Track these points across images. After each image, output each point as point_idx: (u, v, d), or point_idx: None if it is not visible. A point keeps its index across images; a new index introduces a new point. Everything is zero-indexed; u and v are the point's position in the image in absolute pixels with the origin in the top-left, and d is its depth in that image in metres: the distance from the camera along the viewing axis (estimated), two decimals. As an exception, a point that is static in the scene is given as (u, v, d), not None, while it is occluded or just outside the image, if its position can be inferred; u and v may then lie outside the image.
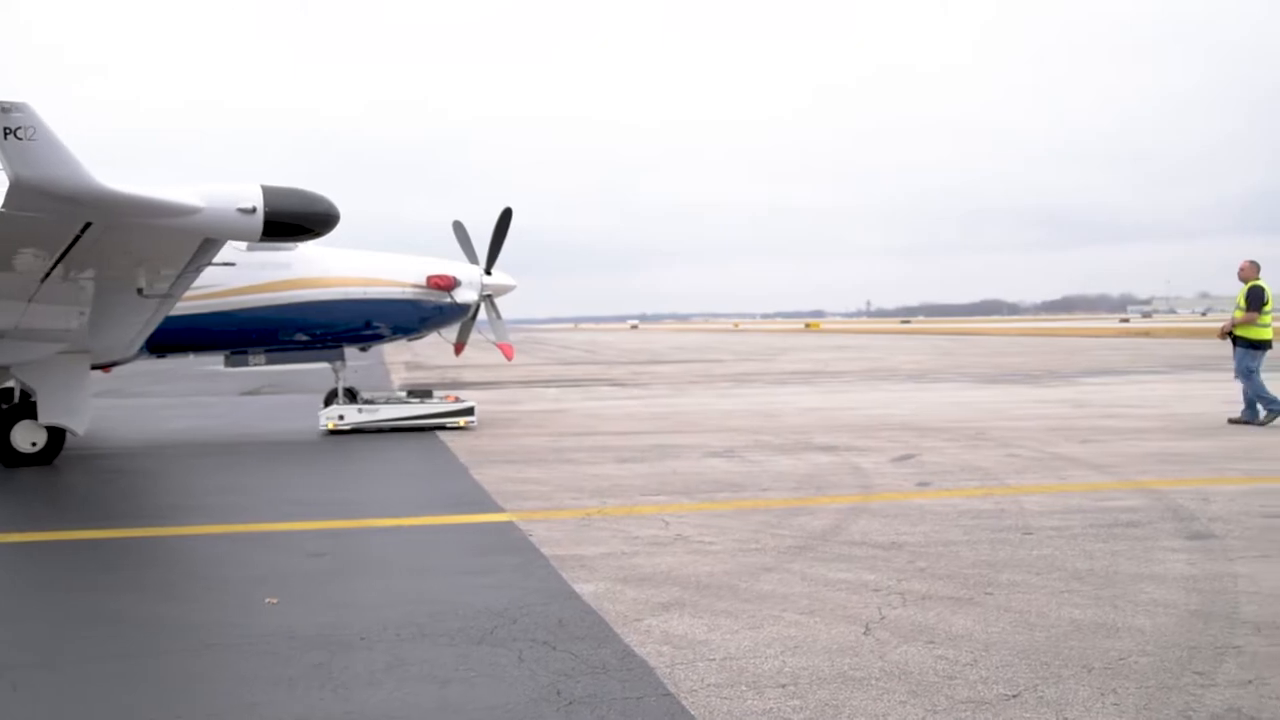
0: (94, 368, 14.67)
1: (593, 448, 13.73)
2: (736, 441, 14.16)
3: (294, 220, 9.61)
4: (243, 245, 14.30)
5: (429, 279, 16.48)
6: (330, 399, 17.11)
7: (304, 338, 16.10)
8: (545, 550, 7.58)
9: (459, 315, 17.28)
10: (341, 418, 16.21)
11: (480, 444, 14.37)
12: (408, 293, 16.36)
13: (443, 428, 16.28)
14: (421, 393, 17.38)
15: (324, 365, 16.95)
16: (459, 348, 18.27)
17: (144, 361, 17.63)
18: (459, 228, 17.89)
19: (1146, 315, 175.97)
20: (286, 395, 24.74)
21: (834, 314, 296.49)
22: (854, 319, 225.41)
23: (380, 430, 16.18)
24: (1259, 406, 15.05)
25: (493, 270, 17.46)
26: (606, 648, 5.29)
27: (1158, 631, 5.38)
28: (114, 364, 15.84)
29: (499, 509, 9.36)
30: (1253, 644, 5.13)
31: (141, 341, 13.32)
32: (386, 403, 16.86)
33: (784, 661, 5.06)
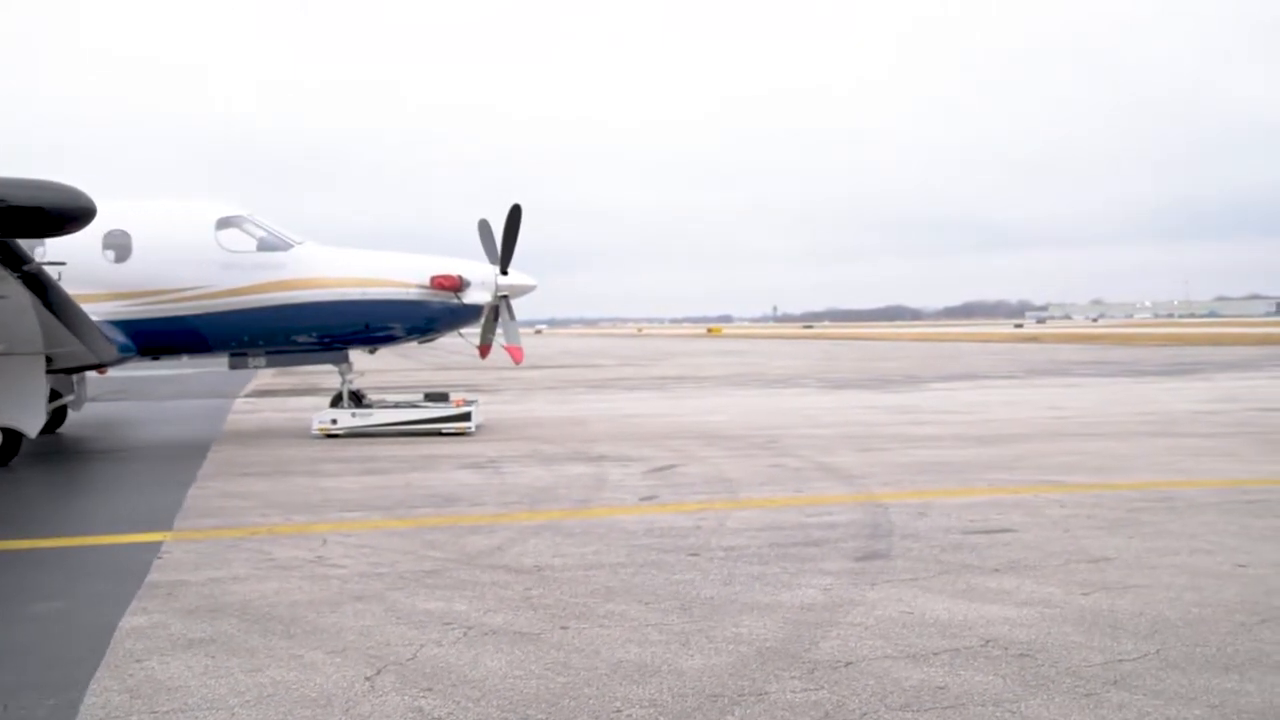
0: (87, 369, 14.81)
1: (353, 458, 13.08)
2: (511, 451, 13.57)
3: (32, 211, 8.65)
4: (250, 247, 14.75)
5: (433, 279, 15.66)
6: (336, 402, 16.37)
7: (301, 340, 15.48)
8: (154, 575, 6.94)
9: (472, 316, 16.30)
10: (334, 422, 15.61)
11: (243, 455, 13.67)
12: (411, 294, 15.59)
13: (439, 433, 15.50)
14: (437, 396, 16.51)
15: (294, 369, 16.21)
16: (484, 350, 17.06)
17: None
18: (483, 226, 16.67)
19: (1041, 321, 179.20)
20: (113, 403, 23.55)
21: (741, 319, 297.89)
22: (760, 324, 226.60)
23: (377, 435, 15.42)
24: None
25: (509, 270, 16.28)
26: (57, 697, 4.54)
27: (700, 674, 4.75)
28: (90, 367, 15.26)
29: (167, 528, 8.60)
30: (785, 690, 4.47)
31: None
32: (395, 407, 16.20)
33: (242, 714, 4.31)
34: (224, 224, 15.36)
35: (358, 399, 16.33)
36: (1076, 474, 10.71)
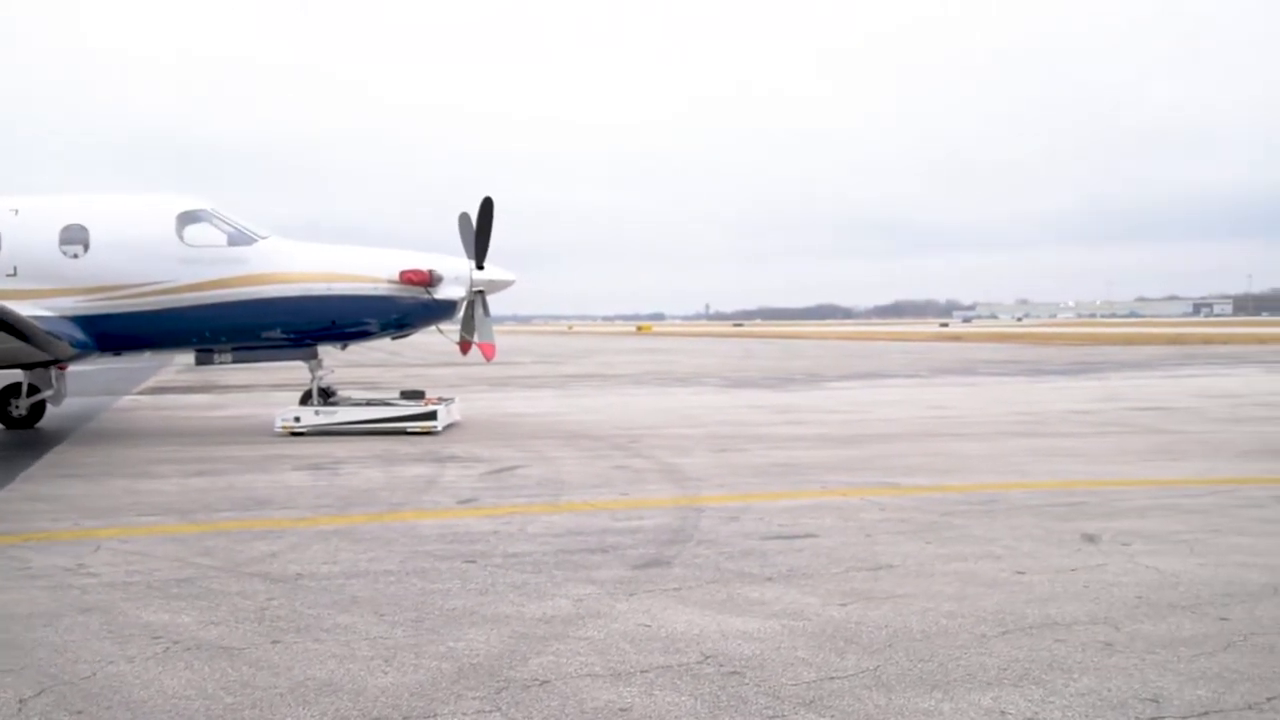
0: (43, 365, 14.62)
1: (189, 459, 12.68)
2: (362, 451, 13.24)
3: None
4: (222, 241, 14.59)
5: (402, 274, 15.26)
6: (306, 399, 15.84)
7: (266, 336, 15.07)
8: None
9: (445, 312, 15.95)
10: (297, 420, 15.08)
11: (81, 455, 13.24)
12: (380, 289, 15.20)
13: (404, 432, 14.92)
14: (413, 394, 16.02)
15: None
16: (464, 346, 16.52)
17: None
18: (463, 220, 16.15)
19: (967, 320, 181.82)
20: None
21: (674, 317, 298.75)
22: (693, 322, 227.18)
23: (342, 434, 14.89)
24: None
25: (484, 265, 15.89)
26: None
27: (381, 694, 4.54)
28: (46, 364, 15.05)
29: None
30: (457, 712, 4.22)
31: None
32: (368, 404, 15.74)
33: None
34: (185, 218, 15.05)
35: (326, 396, 15.87)
36: (918, 475, 10.53)
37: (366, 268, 15.25)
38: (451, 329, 16.40)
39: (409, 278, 15.19)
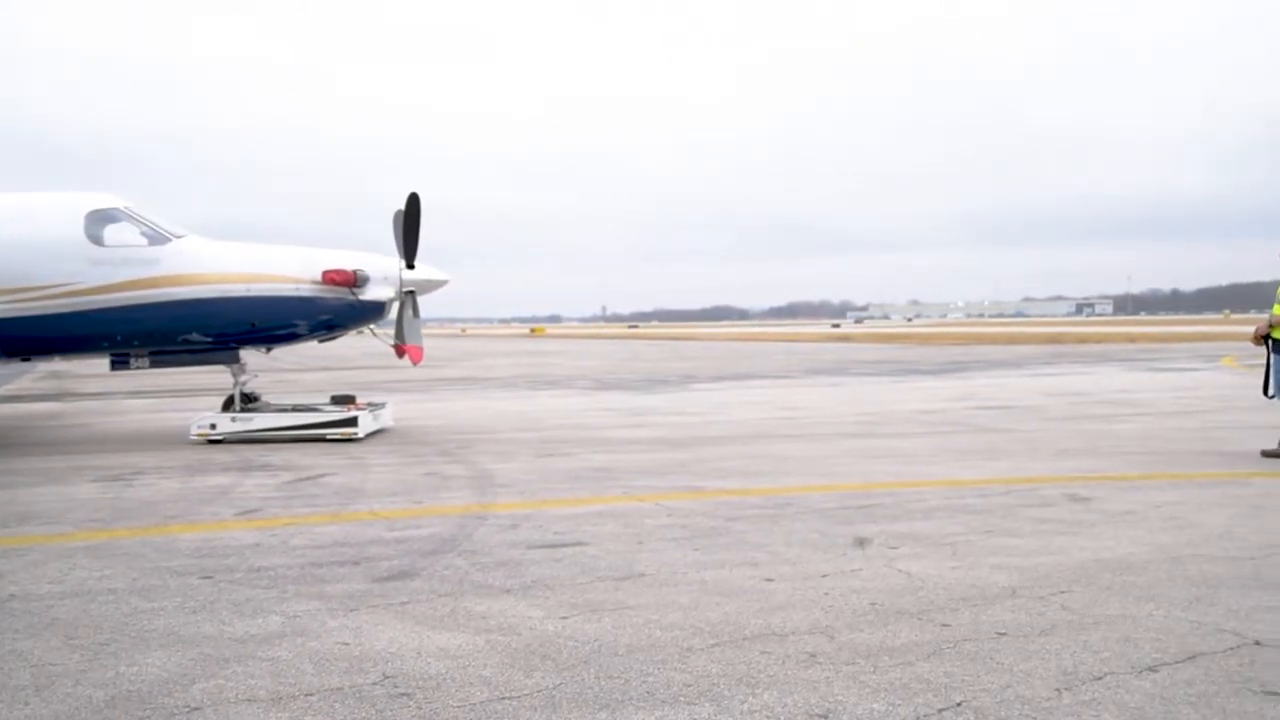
0: None
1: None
2: (169, 462, 12.78)
3: None
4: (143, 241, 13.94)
5: (325, 274, 14.62)
6: (228, 405, 15.17)
7: (182, 339, 14.44)
8: None
9: (373, 313, 15.32)
10: (213, 426, 14.42)
11: None
12: (302, 289, 14.56)
13: (324, 439, 14.30)
14: (344, 399, 15.37)
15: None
16: (399, 349, 15.69)
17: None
18: (397, 218, 15.37)
19: (859, 321, 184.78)
20: None
21: (571, 319, 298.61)
22: (590, 324, 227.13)
23: (260, 441, 14.27)
24: None
25: (415, 264, 15.23)
26: None
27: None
28: None
29: None
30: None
31: None
32: (294, 410, 15.07)
33: None
34: (95, 217, 14.34)
35: (249, 402, 15.26)
36: (729, 479, 10.37)
37: (287, 268, 14.72)
38: (386, 332, 15.82)
39: (332, 278, 14.67)
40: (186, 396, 24.01)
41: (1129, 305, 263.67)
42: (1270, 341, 11.36)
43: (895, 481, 10.00)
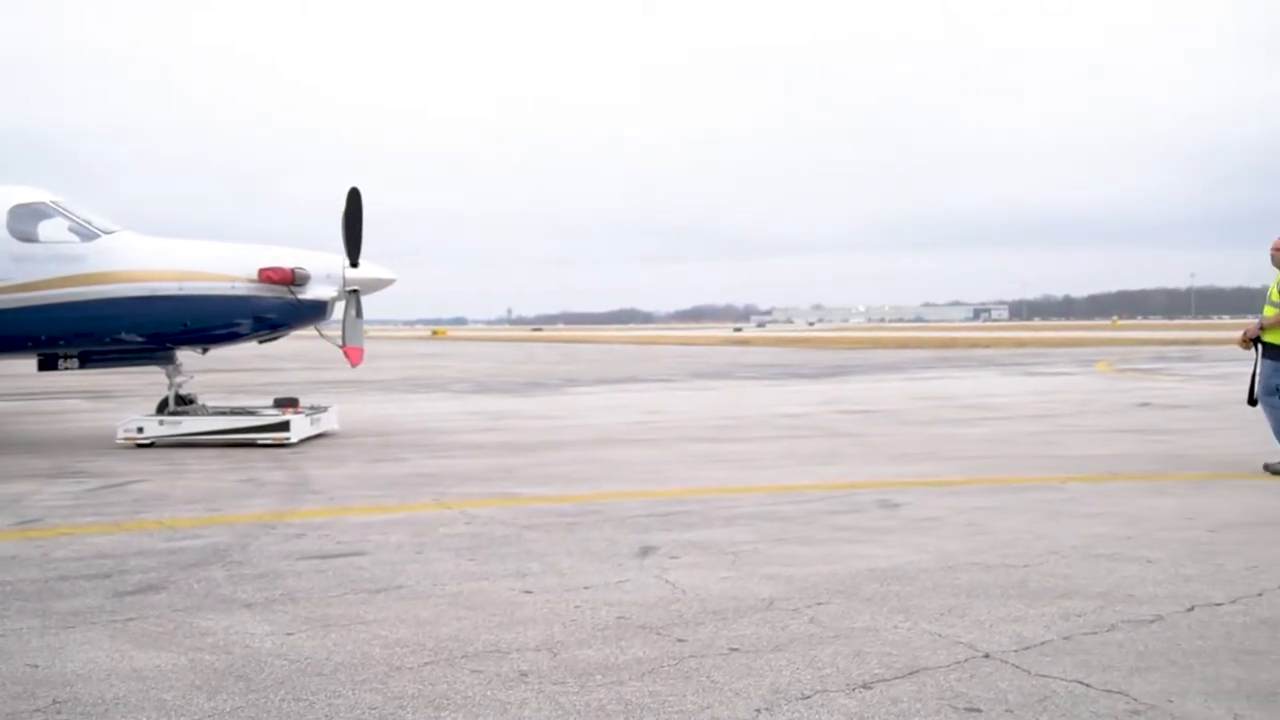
0: None
1: None
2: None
3: None
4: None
5: (262, 272, 13.91)
6: (162, 407, 14.40)
7: (111, 339, 13.75)
8: None
9: (314, 313, 14.66)
10: (140, 430, 13.65)
11: None
12: (238, 288, 13.87)
13: (255, 444, 13.52)
14: (286, 402, 14.72)
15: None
16: (351, 352, 14.85)
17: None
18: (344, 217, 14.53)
19: (762, 325, 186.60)
20: None
21: (477, 321, 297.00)
22: (495, 326, 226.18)
23: (188, 445, 13.55)
24: None
25: (359, 262, 14.53)
26: None
27: None
28: None
29: None
30: None
31: None
32: (233, 413, 14.37)
33: None
34: (20, 211, 13.64)
35: (184, 404, 14.54)
36: (552, 485, 10.15)
37: (222, 265, 14.11)
38: (334, 333, 15.19)
39: (269, 276, 14.05)
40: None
41: (1024, 311, 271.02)
42: (1260, 345, 10.47)
43: (719, 487, 9.85)
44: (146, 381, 27.58)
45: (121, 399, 23.15)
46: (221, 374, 31.70)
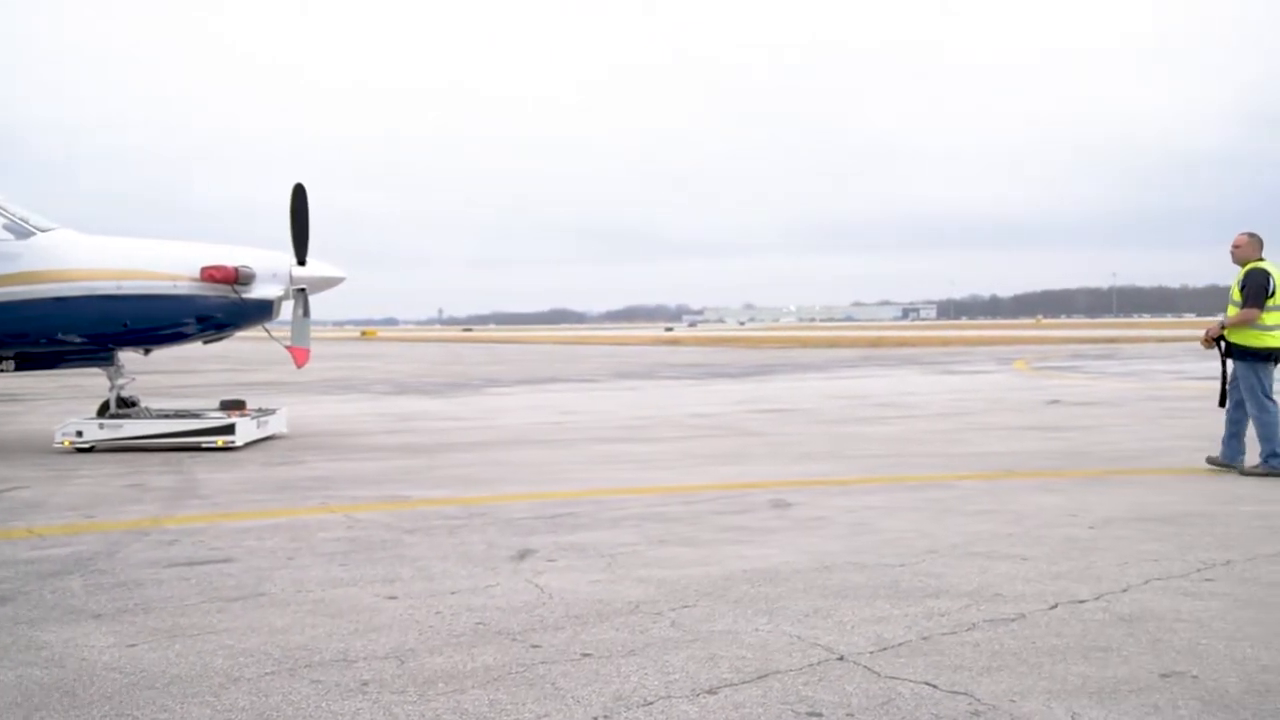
0: None
1: None
2: None
3: None
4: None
5: (204, 271, 13.38)
6: (103, 410, 13.79)
7: (47, 341, 13.23)
8: None
9: (260, 313, 14.14)
10: (80, 434, 13.09)
11: None
12: (180, 288, 13.35)
13: (198, 448, 13.04)
14: (233, 404, 14.29)
15: None
16: (296, 353, 14.39)
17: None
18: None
19: (693, 325, 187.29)
20: None
21: (408, 322, 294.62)
22: (426, 326, 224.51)
23: (131, 449, 13.03)
24: (1236, 444, 10.21)
25: (307, 260, 14.02)
26: None
27: None
28: None
29: None
30: None
31: None
32: (176, 415, 13.80)
33: None
34: None
35: (126, 407, 14.02)
36: (447, 487, 10.10)
37: (162, 264, 13.63)
38: (284, 333, 14.78)
39: (211, 274, 13.58)
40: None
41: (951, 310, 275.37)
42: (1224, 345, 10.08)
43: (614, 488, 9.75)
44: (58, 385, 26.98)
45: (31, 402, 22.55)
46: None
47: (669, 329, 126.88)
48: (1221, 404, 10.14)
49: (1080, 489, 9.40)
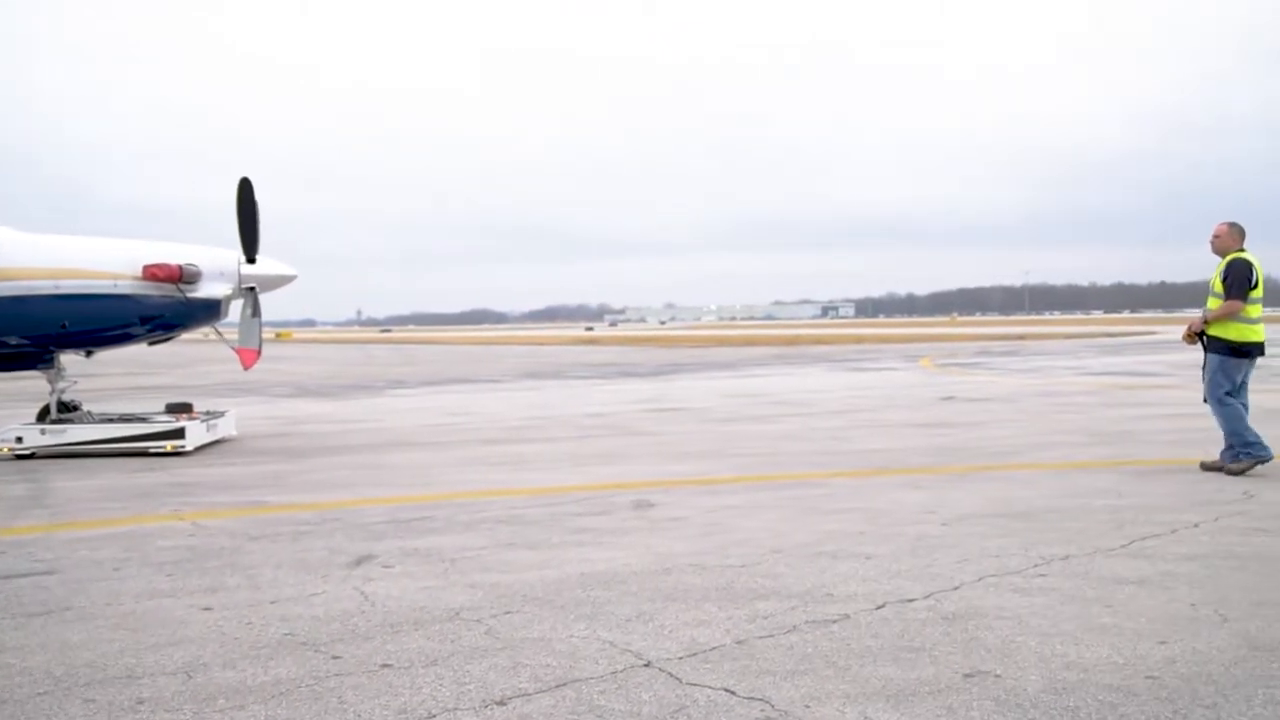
0: None
1: None
2: None
3: None
4: None
5: (146, 269, 12.76)
6: (43, 415, 13.15)
7: None
8: None
9: (207, 313, 13.56)
10: (19, 440, 12.49)
11: None
12: (121, 287, 12.75)
13: (146, 453, 12.52)
14: (180, 407, 13.71)
15: None
16: (244, 354, 13.65)
17: None
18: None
19: (614, 324, 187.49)
20: None
21: (326, 323, 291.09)
22: (345, 327, 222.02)
23: (74, 455, 12.44)
24: (1232, 444, 9.59)
25: (256, 258, 13.40)
26: None
27: None
28: None
29: None
30: None
31: None
32: (121, 420, 13.23)
33: None
34: None
35: (67, 411, 13.38)
36: (311, 492, 9.81)
37: (102, 262, 13.03)
38: (235, 334, 14.11)
39: (154, 273, 13.00)
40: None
41: (869, 308, 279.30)
42: (1205, 339, 9.68)
43: (480, 490, 9.58)
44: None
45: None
46: (24, 381, 30.10)
47: (589, 329, 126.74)
48: (1205, 400, 9.81)
49: (946, 485, 9.41)
